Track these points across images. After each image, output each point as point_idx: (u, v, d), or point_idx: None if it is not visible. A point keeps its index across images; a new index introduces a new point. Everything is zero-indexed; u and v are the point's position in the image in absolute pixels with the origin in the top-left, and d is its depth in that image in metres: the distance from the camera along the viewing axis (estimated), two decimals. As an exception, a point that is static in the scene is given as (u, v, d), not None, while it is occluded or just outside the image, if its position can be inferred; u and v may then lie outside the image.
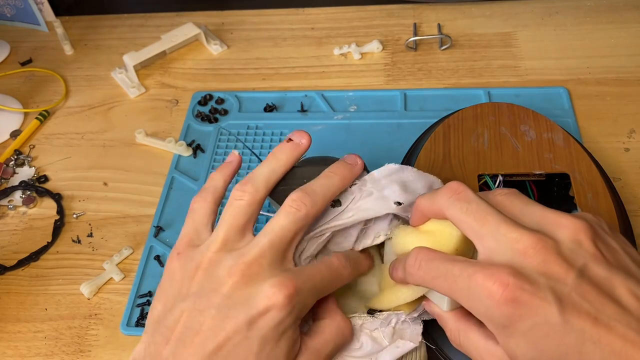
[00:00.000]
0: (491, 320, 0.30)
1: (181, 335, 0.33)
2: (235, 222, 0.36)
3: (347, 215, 0.38)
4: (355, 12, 0.76)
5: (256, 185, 0.38)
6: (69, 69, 0.73)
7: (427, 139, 0.53)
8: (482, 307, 0.30)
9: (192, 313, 0.33)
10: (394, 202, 0.38)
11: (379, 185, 0.39)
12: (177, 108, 0.67)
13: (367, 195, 0.38)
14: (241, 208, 0.37)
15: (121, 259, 0.54)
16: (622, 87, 0.63)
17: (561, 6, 0.73)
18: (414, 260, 0.34)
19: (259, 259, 0.34)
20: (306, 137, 0.40)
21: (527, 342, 0.29)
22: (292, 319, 0.34)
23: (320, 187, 0.37)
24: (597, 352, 0.27)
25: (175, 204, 0.57)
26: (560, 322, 0.28)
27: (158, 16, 0.78)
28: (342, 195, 0.39)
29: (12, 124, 0.67)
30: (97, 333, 0.49)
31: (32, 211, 0.59)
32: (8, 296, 0.53)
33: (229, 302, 0.33)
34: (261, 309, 0.33)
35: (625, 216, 0.48)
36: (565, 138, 0.52)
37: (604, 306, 0.28)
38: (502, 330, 0.30)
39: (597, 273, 0.29)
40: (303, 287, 0.34)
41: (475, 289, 0.30)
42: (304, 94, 0.65)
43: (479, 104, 0.56)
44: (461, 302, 0.32)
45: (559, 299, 0.28)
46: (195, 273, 0.35)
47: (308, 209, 0.36)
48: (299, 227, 0.36)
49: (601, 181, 0.49)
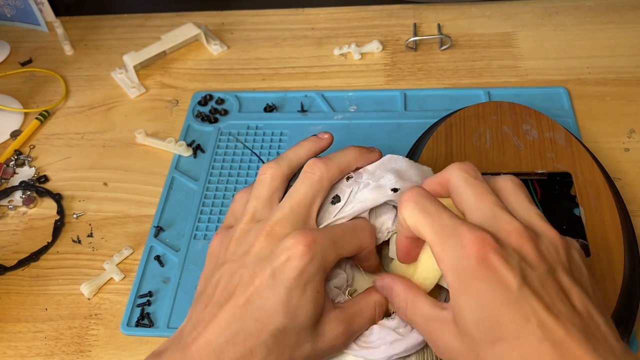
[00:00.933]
0: (455, 271, 0.31)
1: (218, 297, 0.36)
2: (262, 195, 0.40)
3: (347, 208, 0.39)
4: (355, 12, 0.76)
5: (279, 163, 0.41)
6: (69, 69, 0.73)
7: (429, 138, 0.53)
8: (454, 255, 0.31)
9: (225, 277, 0.37)
10: (391, 189, 0.39)
11: (374, 176, 0.40)
12: (177, 108, 0.67)
13: (364, 187, 0.40)
14: (265, 182, 0.40)
15: (121, 259, 0.54)
16: (622, 87, 0.63)
17: (561, 6, 0.73)
18: (410, 193, 0.35)
19: (282, 221, 0.37)
20: (328, 136, 0.45)
21: (477, 302, 0.30)
22: (314, 268, 0.35)
23: (334, 156, 0.41)
24: (539, 332, 0.29)
25: (176, 204, 0.57)
26: (517, 293, 0.30)
27: (158, 16, 0.78)
28: (340, 191, 0.40)
29: (12, 124, 0.67)
30: (97, 333, 0.49)
31: (32, 211, 0.59)
32: (8, 296, 0.53)
33: (256, 259, 0.36)
34: (283, 259, 0.35)
35: (627, 216, 0.48)
36: (567, 137, 0.52)
37: (558, 302, 0.30)
38: (459, 284, 0.31)
39: (561, 278, 0.31)
40: (322, 239, 0.36)
41: (455, 238, 0.32)
42: (304, 94, 0.65)
43: (480, 103, 0.56)
44: (434, 242, 0.33)
45: (523, 276, 0.30)
46: (229, 244, 0.39)
47: (322, 171, 0.39)
48: (316, 190, 0.39)
49: (603, 181, 0.49)
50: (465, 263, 0.31)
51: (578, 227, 0.48)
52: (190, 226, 0.55)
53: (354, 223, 0.39)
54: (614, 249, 0.45)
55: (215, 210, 0.56)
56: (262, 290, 0.35)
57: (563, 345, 0.28)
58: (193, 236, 0.54)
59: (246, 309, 0.34)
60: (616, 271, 0.44)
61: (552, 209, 0.52)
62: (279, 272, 0.35)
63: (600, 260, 0.44)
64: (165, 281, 0.52)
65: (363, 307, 0.38)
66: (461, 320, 0.31)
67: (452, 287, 0.32)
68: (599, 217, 0.47)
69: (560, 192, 0.52)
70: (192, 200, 0.57)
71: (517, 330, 0.29)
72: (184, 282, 0.51)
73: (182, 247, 0.54)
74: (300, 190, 0.38)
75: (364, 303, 0.38)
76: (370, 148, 0.43)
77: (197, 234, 0.54)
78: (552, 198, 0.52)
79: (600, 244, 0.45)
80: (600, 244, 0.45)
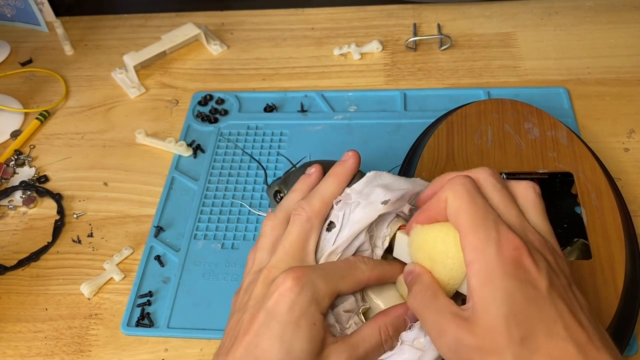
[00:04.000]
0: (487, 266, 0.32)
1: (226, 346, 0.37)
2: (265, 246, 0.41)
3: (344, 233, 0.39)
4: (355, 12, 0.76)
5: (277, 213, 0.42)
6: (69, 69, 0.73)
7: (430, 137, 0.53)
8: (488, 249, 0.32)
9: (231, 326, 0.38)
10: (381, 202, 0.39)
11: (363, 194, 0.40)
12: (177, 108, 0.67)
13: (356, 207, 0.40)
14: (266, 234, 0.42)
15: (121, 259, 0.54)
16: (621, 87, 0.63)
17: (561, 6, 0.73)
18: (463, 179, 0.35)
19: (277, 264, 0.39)
20: (315, 169, 0.44)
21: (508, 298, 0.31)
22: (305, 300, 0.36)
23: (316, 192, 0.41)
24: (564, 334, 0.30)
25: (176, 204, 0.57)
26: (546, 294, 0.31)
27: (158, 16, 0.78)
28: (333, 217, 0.40)
29: (13, 124, 0.67)
30: (97, 333, 0.49)
31: (33, 211, 0.59)
32: (8, 296, 0.53)
33: (254, 303, 0.37)
34: (275, 296, 0.36)
35: (628, 216, 0.48)
36: (569, 136, 0.52)
37: (578, 310, 0.32)
38: (489, 278, 0.32)
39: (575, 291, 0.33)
40: (311, 271, 0.37)
41: (494, 234, 0.33)
42: (304, 94, 0.65)
43: (482, 100, 0.55)
44: (470, 231, 0.33)
45: (550, 280, 0.32)
46: (238, 297, 0.40)
47: (307, 211, 0.40)
48: (307, 229, 0.40)
49: (605, 181, 0.49)
50: (499, 260, 0.32)
51: (579, 226, 0.48)
52: (191, 226, 0.55)
53: (347, 260, 0.39)
54: (615, 249, 0.45)
55: (215, 210, 0.56)
56: (259, 330, 0.36)
57: (585, 349, 0.30)
58: (193, 236, 0.54)
59: (247, 351, 0.35)
60: (617, 272, 0.44)
61: (553, 208, 0.51)
62: (272, 309, 0.36)
63: (602, 260, 0.44)
64: (165, 281, 0.52)
65: (367, 333, 0.38)
66: (486, 315, 0.31)
67: (478, 279, 0.32)
68: (600, 218, 0.47)
69: (561, 189, 0.52)
70: (192, 200, 0.57)
71: (546, 328, 0.30)
72: (184, 282, 0.51)
73: (182, 247, 0.54)
74: (292, 232, 0.40)
75: (368, 329, 0.38)
76: (345, 156, 0.43)
77: (197, 234, 0.54)
78: (553, 196, 0.52)
79: (602, 245, 0.45)
80: (602, 245, 0.45)
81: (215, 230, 0.55)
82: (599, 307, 0.42)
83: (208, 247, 0.54)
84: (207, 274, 0.52)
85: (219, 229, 0.55)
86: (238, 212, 0.56)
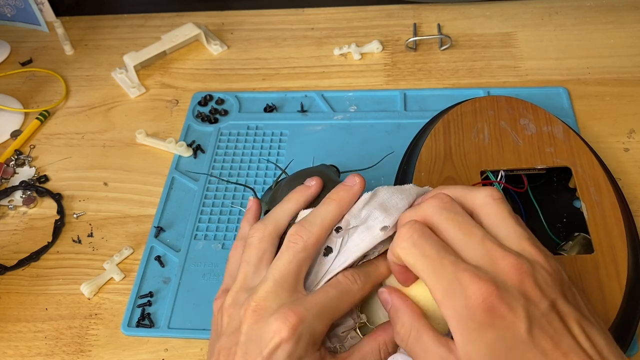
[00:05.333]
0: (460, 320, 0.31)
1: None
2: (251, 260, 0.39)
3: (339, 261, 0.38)
4: (355, 12, 0.76)
5: (266, 223, 0.40)
6: (69, 69, 0.73)
7: (427, 136, 0.53)
8: (458, 304, 0.31)
9: (223, 353, 0.36)
10: (380, 228, 0.37)
11: (360, 217, 0.39)
12: (177, 108, 0.67)
13: (353, 232, 0.38)
14: (254, 245, 0.39)
15: (121, 259, 0.54)
16: (621, 87, 0.63)
17: (561, 6, 0.73)
18: (407, 231, 0.34)
19: (267, 295, 0.36)
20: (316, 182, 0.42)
21: (489, 351, 0.30)
22: (303, 347, 0.35)
23: (316, 217, 0.39)
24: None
25: (176, 204, 0.57)
26: (527, 338, 0.30)
27: (158, 16, 0.78)
28: (330, 242, 0.38)
29: (13, 124, 0.67)
30: (97, 333, 0.49)
31: (33, 211, 0.59)
32: (8, 296, 0.53)
33: (247, 339, 0.36)
34: (271, 346, 0.34)
35: (627, 208, 0.48)
36: (565, 131, 0.52)
37: (564, 336, 0.30)
38: (467, 333, 0.31)
39: (561, 308, 0.31)
40: (308, 315, 0.35)
41: (458, 285, 0.31)
42: (304, 94, 0.65)
43: (477, 98, 0.55)
44: (435, 290, 0.32)
45: (529, 318, 0.30)
46: (224, 314, 0.38)
47: (305, 240, 0.37)
48: (301, 259, 0.37)
49: (603, 175, 0.49)
50: (470, 313, 0.30)
51: (578, 220, 0.48)
52: (191, 226, 0.55)
53: (338, 284, 0.37)
54: (617, 243, 0.45)
55: (215, 211, 0.56)
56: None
57: None
58: (193, 236, 0.54)
59: None
60: (620, 265, 0.44)
61: (551, 202, 0.52)
62: (270, 357, 0.34)
63: (604, 254, 0.44)
64: (165, 281, 0.52)
65: (367, 351, 0.37)
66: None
67: (458, 336, 0.31)
68: (600, 211, 0.47)
69: (558, 184, 0.52)
70: (192, 201, 0.57)
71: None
72: (184, 282, 0.51)
73: (183, 247, 0.54)
74: (285, 261, 0.37)
75: (368, 347, 0.37)
76: (351, 181, 0.40)
77: (198, 234, 0.54)
78: (550, 191, 0.52)
79: (603, 238, 0.45)
80: (603, 238, 0.45)
81: (216, 230, 0.55)
82: (604, 302, 0.42)
83: (208, 248, 0.54)
84: (208, 274, 0.52)
85: (219, 229, 0.55)
86: (238, 212, 0.56)
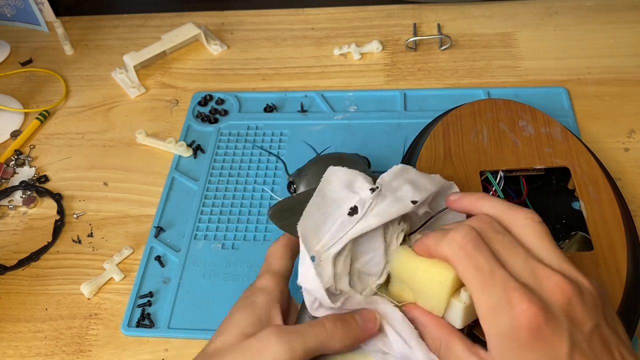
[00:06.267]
0: (503, 339, 0.31)
1: None
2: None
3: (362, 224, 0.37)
4: (355, 12, 0.76)
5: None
6: (69, 69, 0.73)
7: (427, 137, 0.53)
8: (503, 322, 0.31)
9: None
10: (411, 201, 0.38)
11: (391, 187, 0.39)
12: (177, 108, 0.67)
13: (382, 200, 0.38)
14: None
15: (121, 259, 0.54)
16: (621, 87, 0.63)
17: (561, 6, 0.73)
18: (462, 239, 0.33)
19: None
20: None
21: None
22: None
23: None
24: None
25: (176, 204, 0.57)
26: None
27: (158, 16, 0.78)
28: (359, 202, 0.38)
29: (13, 124, 0.67)
30: (97, 333, 0.49)
31: (33, 211, 0.59)
32: (8, 296, 0.53)
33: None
34: None
35: (626, 207, 0.48)
36: (563, 132, 0.52)
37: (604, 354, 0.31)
38: (507, 351, 0.31)
39: (604, 331, 0.31)
40: None
41: (506, 303, 0.31)
42: (304, 94, 0.65)
43: (476, 101, 0.56)
44: (481, 304, 0.32)
45: (572, 341, 0.30)
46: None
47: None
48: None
49: (601, 174, 0.49)
50: (515, 333, 0.30)
51: (578, 220, 0.48)
52: (191, 226, 0.55)
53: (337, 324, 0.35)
54: (616, 240, 0.45)
55: (215, 211, 0.56)
56: None
57: None
58: (193, 236, 0.54)
59: None
60: (620, 263, 0.44)
61: (550, 204, 0.52)
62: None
63: (604, 252, 0.45)
64: (165, 281, 0.52)
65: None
66: None
67: (497, 354, 0.31)
68: (599, 210, 0.47)
69: (557, 186, 0.52)
70: (192, 201, 0.57)
71: None
72: (184, 283, 0.51)
73: (183, 247, 0.54)
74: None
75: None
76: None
77: (198, 234, 0.54)
78: (549, 192, 0.53)
79: (602, 236, 0.46)
80: (602, 236, 0.46)
81: (216, 230, 0.55)
82: None
83: (208, 248, 0.54)
84: (208, 274, 0.52)
85: (219, 229, 0.55)
86: (238, 212, 0.56)
